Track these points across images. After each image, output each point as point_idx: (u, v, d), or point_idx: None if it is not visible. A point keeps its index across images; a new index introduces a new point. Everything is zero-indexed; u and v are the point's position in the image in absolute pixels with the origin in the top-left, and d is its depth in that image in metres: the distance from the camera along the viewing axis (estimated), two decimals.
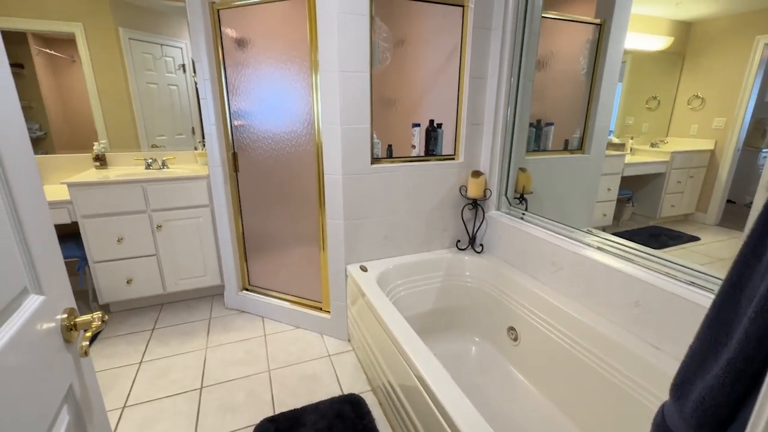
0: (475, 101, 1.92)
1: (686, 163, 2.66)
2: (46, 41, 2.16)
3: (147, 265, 2.20)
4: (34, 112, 2.22)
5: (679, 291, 1.16)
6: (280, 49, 1.81)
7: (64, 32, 2.14)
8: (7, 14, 2.07)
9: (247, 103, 1.97)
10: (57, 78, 2.22)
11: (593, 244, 1.52)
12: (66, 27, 2.14)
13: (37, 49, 2.17)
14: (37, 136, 2.25)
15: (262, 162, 2.03)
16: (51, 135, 2.26)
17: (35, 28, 2.12)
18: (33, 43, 2.13)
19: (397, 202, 1.91)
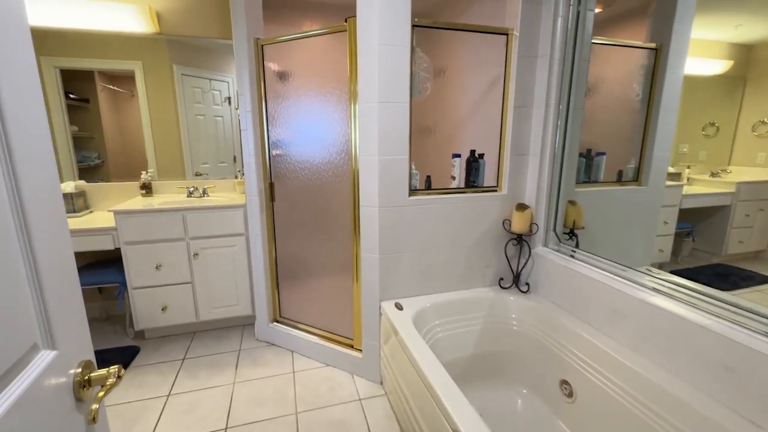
0: (519, 130, 1.81)
1: (755, 194, 2.37)
2: (110, 78, 2.33)
3: (182, 293, 2.21)
4: (94, 142, 2.37)
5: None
6: (320, 81, 1.82)
7: (126, 70, 2.31)
8: (79, 55, 2.25)
9: (285, 133, 1.98)
10: (116, 111, 2.37)
11: (660, 289, 1.33)
12: (128, 65, 2.30)
13: (102, 85, 2.34)
14: (95, 164, 2.39)
15: (297, 192, 2.02)
16: (108, 163, 2.40)
17: (102, 67, 2.29)
18: (99, 80, 2.31)
19: (435, 236, 1.80)
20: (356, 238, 1.82)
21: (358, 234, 1.80)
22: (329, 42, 1.75)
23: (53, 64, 2.24)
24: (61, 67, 2.23)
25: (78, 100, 2.30)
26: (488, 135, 1.88)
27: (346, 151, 1.79)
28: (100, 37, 2.27)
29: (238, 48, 1.91)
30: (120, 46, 2.31)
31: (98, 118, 2.34)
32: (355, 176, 1.76)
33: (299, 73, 1.88)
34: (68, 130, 2.31)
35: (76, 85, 2.27)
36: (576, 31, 1.67)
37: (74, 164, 2.35)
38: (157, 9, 2.32)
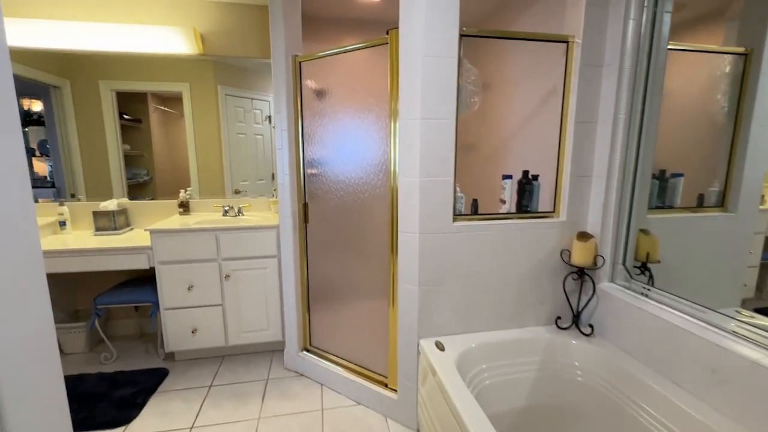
0: (581, 149, 1.59)
1: None
2: (162, 99, 2.42)
3: (212, 315, 2.14)
4: (144, 160, 2.45)
5: None
6: (358, 98, 1.71)
7: (175, 91, 2.38)
8: (133, 78, 2.34)
9: (321, 152, 1.89)
10: (166, 130, 2.44)
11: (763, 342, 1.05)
12: (177, 87, 2.37)
13: (154, 106, 2.42)
14: (144, 181, 2.47)
15: (332, 213, 1.90)
16: (155, 180, 2.47)
17: (154, 89, 2.37)
18: (151, 101, 2.39)
19: (482, 267, 1.60)
20: (393, 265, 1.66)
21: (395, 261, 1.64)
22: (369, 57, 1.65)
23: (110, 88, 2.33)
24: (117, 89, 2.33)
25: (131, 120, 2.38)
26: (542, 154, 1.68)
27: (384, 171, 1.66)
28: (151, 60, 2.34)
29: (276, 66, 1.86)
30: (170, 69, 2.37)
31: (149, 137, 2.42)
32: (393, 198, 1.61)
33: (337, 90, 1.79)
34: (120, 148, 2.39)
35: (130, 106, 2.36)
36: (651, 36, 1.45)
37: (124, 180, 2.42)
38: (201, 31, 2.36)
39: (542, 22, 1.84)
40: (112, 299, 2.12)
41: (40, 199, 2.37)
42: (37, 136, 2.33)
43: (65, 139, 2.34)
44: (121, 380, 2.00)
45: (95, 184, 2.40)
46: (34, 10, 2.17)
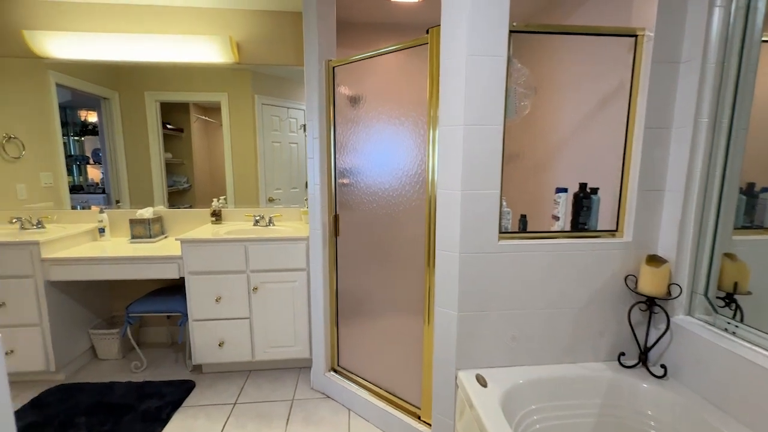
0: (651, 158, 1.37)
1: None
2: (204, 110, 2.46)
3: (239, 329, 2.08)
4: (184, 168, 2.49)
5: None
6: (394, 104, 1.59)
7: (215, 101, 2.41)
8: (175, 89, 2.39)
9: (353, 161, 1.78)
10: (206, 139, 2.48)
11: None
12: (216, 97, 2.40)
13: (196, 116, 2.46)
14: (184, 188, 2.51)
15: (364, 226, 1.78)
16: (194, 187, 2.51)
17: (194, 99, 2.41)
18: (193, 111, 2.44)
19: (531, 292, 1.41)
20: (429, 279, 1.51)
21: (431, 275, 1.49)
22: (406, 60, 1.53)
23: (154, 98, 2.39)
24: (160, 100, 2.39)
25: (174, 129, 2.44)
26: (602, 164, 1.47)
27: (421, 182, 1.52)
28: (191, 71, 2.36)
29: (309, 71, 1.79)
30: (209, 79, 2.38)
31: (190, 146, 2.47)
32: (431, 211, 1.46)
33: (372, 96, 1.68)
34: (162, 156, 2.44)
35: (173, 116, 2.42)
36: (744, 27, 1.22)
37: (165, 188, 2.47)
38: (237, 39, 2.35)
39: (602, 15, 1.64)
40: (144, 308, 2.11)
41: (92, 205, 2.45)
42: (93, 145, 2.45)
43: (112, 148, 2.42)
44: (148, 391, 1.97)
45: (138, 191, 2.45)
46: (76, 23, 2.25)
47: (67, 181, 2.44)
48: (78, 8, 2.23)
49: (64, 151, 2.42)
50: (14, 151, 2.35)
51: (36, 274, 1.93)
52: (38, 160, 2.37)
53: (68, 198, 2.45)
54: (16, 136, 2.34)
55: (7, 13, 2.21)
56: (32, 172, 2.38)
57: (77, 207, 2.45)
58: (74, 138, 2.46)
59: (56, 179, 2.42)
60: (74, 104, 2.41)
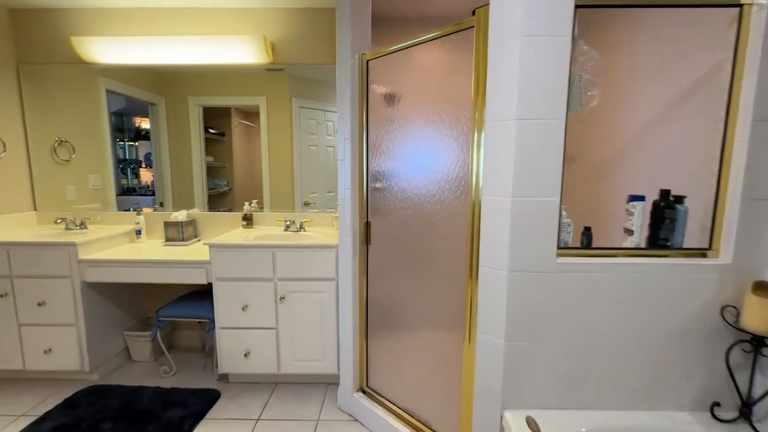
0: (759, 158, 1.09)
1: None
2: (245, 114, 2.47)
3: (265, 339, 1.98)
4: (225, 171, 2.52)
5: None
6: (433, 100, 1.42)
7: (255, 105, 2.40)
8: (216, 94, 2.40)
9: (387, 164, 1.62)
10: (247, 142, 2.49)
11: None
12: (255, 101, 2.39)
13: (238, 120, 2.48)
14: (224, 191, 2.53)
15: (397, 235, 1.61)
16: (234, 190, 2.52)
17: (234, 103, 2.42)
18: (234, 116, 2.46)
19: (597, 321, 1.17)
20: (471, 299, 1.30)
21: (473, 295, 1.28)
22: (448, 50, 1.35)
23: (197, 103, 2.43)
24: (203, 105, 2.42)
25: (216, 133, 2.46)
26: (689, 166, 1.20)
27: (462, 187, 1.33)
28: (231, 75, 2.36)
29: (341, 66, 1.66)
30: (248, 83, 2.37)
31: (231, 150, 2.49)
32: (474, 221, 1.26)
33: (409, 92, 1.51)
34: (203, 160, 2.46)
35: (215, 120, 2.45)
36: None
37: (205, 190, 2.48)
38: (271, 39, 2.28)
39: None
40: (173, 312, 2.08)
41: (143, 207, 2.51)
42: (145, 149, 2.53)
43: (158, 151, 2.46)
44: (173, 399, 1.92)
45: (180, 193, 2.48)
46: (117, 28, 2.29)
47: (120, 183, 2.53)
48: (119, 14, 2.28)
49: (119, 155, 2.50)
50: (65, 154, 2.44)
51: (73, 274, 1.95)
52: (87, 163, 2.44)
53: (114, 199, 2.51)
54: (67, 140, 2.43)
55: (59, 22, 2.30)
56: (81, 174, 2.46)
57: (130, 208, 2.52)
58: (129, 143, 2.56)
59: (104, 181, 2.48)
60: (129, 111, 2.51)
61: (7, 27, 2.27)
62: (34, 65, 2.33)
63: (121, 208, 2.51)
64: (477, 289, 1.26)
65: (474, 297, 1.29)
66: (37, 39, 2.31)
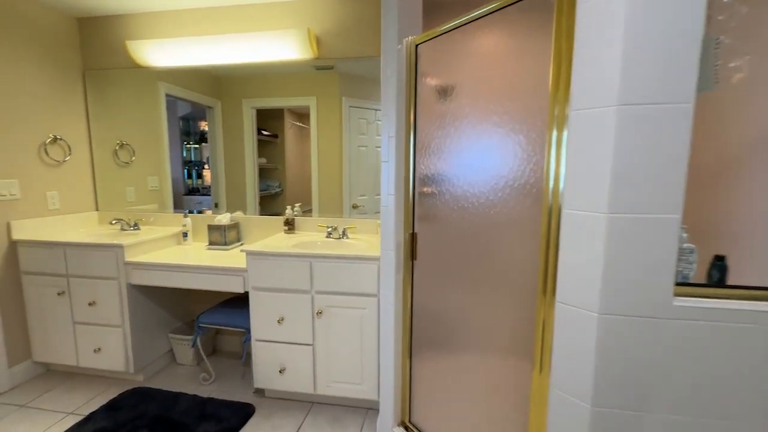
0: None
1: None
2: (298, 116, 2.41)
3: (301, 356, 1.83)
4: (277, 173, 2.49)
5: None
6: (496, 88, 1.14)
7: (306, 106, 2.32)
8: (268, 95, 2.35)
9: (438, 166, 1.37)
10: (299, 144, 2.43)
11: None
12: (305, 101, 2.32)
13: (290, 122, 2.43)
14: (276, 192, 2.49)
15: (448, 246, 1.36)
16: (285, 192, 2.48)
17: (286, 104, 2.36)
18: (287, 118, 2.42)
19: (736, 390, 0.82)
20: (542, 329, 1.01)
21: (546, 326, 0.99)
22: (515, 29, 1.07)
23: (250, 105, 2.41)
24: (256, 107, 2.39)
25: (269, 135, 2.42)
26: None
27: (533, 195, 1.04)
28: (283, 77, 2.29)
29: (386, 54, 1.44)
30: (299, 84, 2.29)
31: (283, 151, 2.44)
32: (550, 236, 0.97)
33: (465, 82, 1.25)
34: (256, 161, 2.43)
35: (269, 122, 2.43)
36: None
37: (257, 192, 2.45)
38: (316, 33, 2.14)
39: None
40: (212, 319, 2.01)
41: (205, 208, 2.55)
42: (208, 152, 2.57)
43: (214, 153, 2.48)
44: (208, 411, 1.85)
45: (234, 194, 2.47)
46: (166, 31, 2.29)
47: (186, 184, 2.58)
48: (166, 17, 2.29)
49: (185, 157, 2.54)
50: (126, 156, 2.52)
51: (120, 276, 1.96)
52: (146, 165, 2.50)
53: (171, 200, 2.56)
54: (128, 143, 2.51)
55: (118, 27, 2.36)
56: (140, 176, 2.53)
57: (193, 210, 2.56)
58: (194, 146, 2.62)
59: (161, 183, 2.53)
60: (195, 115, 2.57)
61: (75, 35, 2.39)
62: (98, 71, 2.43)
63: (185, 207, 2.57)
64: (552, 311, 0.97)
65: (548, 321, 0.99)
66: (100, 45, 2.40)
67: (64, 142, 2.32)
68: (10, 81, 2.02)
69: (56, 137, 2.27)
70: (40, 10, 2.17)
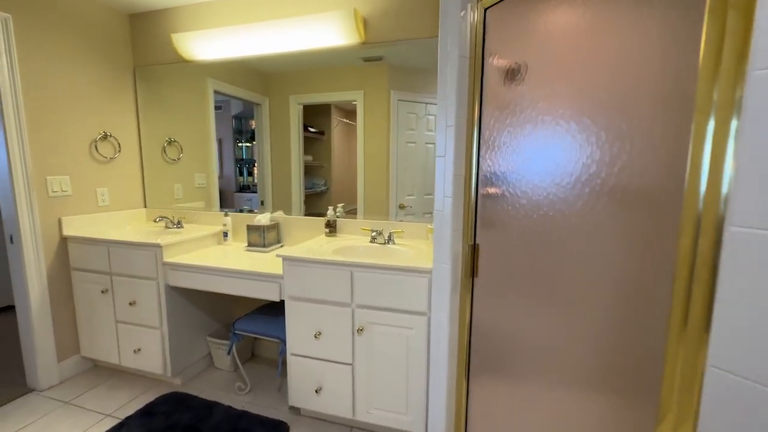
0: None
1: None
2: (346, 113, 2.28)
3: (339, 376, 1.63)
4: (323, 171, 2.39)
5: None
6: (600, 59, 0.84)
7: (352, 100, 2.19)
8: (314, 91, 2.23)
9: (509, 162, 1.09)
10: (346, 142, 2.31)
11: None
12: (352, 96, 2.18)
13: (338, 119, 2.30)
14: (321, 191, 2.39)
15: (523, 263, 1.07)
16: (331, 190, 2.37)
17: (332, 99, 2.24)
18: (334, 114, 2.30)
19: None
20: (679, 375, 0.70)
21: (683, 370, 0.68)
22: None
23: (297, 102, 2.31)
24: (303, 103, 2.29)
25: (316, 132, 2.33)
26: None
27: (654, 202, 0.72)
28: (330, 71, 2.15)
29: (446, 23, 1.18)
30: (346, 77, 2.14)
31: (329, 149, 2.33)
32: (693, 266, 0.66)
33: (549, 56, 0.96)
34: (301, 159, 2.33)
35: (316, 119, 2.33)
36: None
37: (302, 190, 2.35)
38: (363, 13, 1.92)
39: None
40: (248, 327, 1.88)
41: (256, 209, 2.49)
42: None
43: (261, 151, 2.41)
44: (241, 427, 1.71)
45: (279, 192, 2.38)
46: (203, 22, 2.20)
47: (237, 181, 2.54)
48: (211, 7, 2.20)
49: (237, 155, 2.51)
50: (174, 153, 2.49)
51: (158, 276, 1.90)
52: (194, 162, 2.47)
53: (217, 198, 2.51)
54: (176, 140, 2.48)
55: (165, 21, 2.32)
56: (188, 173, 2.49)
57: (243, 208, 2.50)
58: (246, 144, 2.58)
59: (208, 180, 2.49)
60: (245, 114, 2.53)
61: (127, 32, 2.39)
62: (148, 67, 2.42)
63: (236, 204, 2.52)
64: (700, 357, 0.65)
65: (697, 364, 0.68)
66: (149, 41, 2.38)
67: (114, 138, 2.33)
68: (64, 78, 2.03)
69: (106, 134, 2.28)
70: (95, 8, 2.18)
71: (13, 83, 1.80)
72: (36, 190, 1.91)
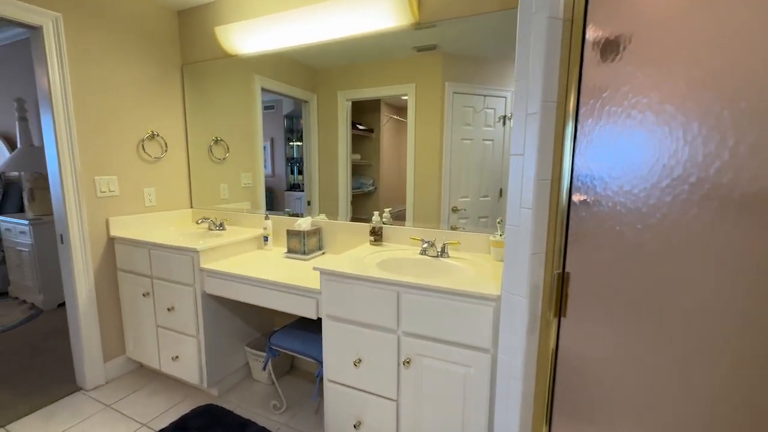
0: None
1: None
2: (396, 109, 2.09)
3: (382, 412, 1.39)
4: (371, 170, 2.23)
5: None
6: None
7: (403, 94, 1.98)
8: (364, 85, 2.05)
9: (612, 162, 0.77)
10: (396, 140, 2.12)
11: None
12: (403, 89, 1.97)
13: (388, 116, 2.12)
14: (369, 191, 2.23)
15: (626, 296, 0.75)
16: (379, 190, 2.20)
17: (382, 94, 2.06)
18: (384, 111, 2.13)
19: None
20: None
21: None
22: None
23: (345, 98, 2.16)
24: (351, 99, 2.13)
25: (364, 130, 2.18)
26: None
27: None
28: (380, 64, 1.95)
29: None
30: (397, 69, 1.93)
31: (378, 147, 2.17)
32: None
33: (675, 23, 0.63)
34: (349, 157, 2.18)
35: (365, 116, 2.18)
36: None
37: (349, 190, 2.21)
38: None
39: None
40: (284, 342, 1.72)
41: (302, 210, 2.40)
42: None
43: (308, 149, 2.28)
44: None
45: (326, 191, 2.25)
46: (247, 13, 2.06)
47: (288, 180, 2.45)
48: None
49: (287, 154, 2.44)
50: (220, 152, 2.43)
51: (195, 283, 1.80)
52: (240, 161, 2.39)
53: (263, 198, 2.42)
54: (222, 139, 2.41)
55: (210, 16, 2.24)
56: (234, 172, 2.42)
57: (293, 205, 2.40)
58: (296, 143, 2.50)
59: (255, 179, 2.40)
60: (296, 113, 2.45)
61: (175, 29, 2.35)
62: (195, 65, 2.36)
63: (286, 203, 2.42)
64: None
65: None
66: (196, 37, 2.32)
67: (161, 138, 2.30)
68: (114, 78, 2.01)
69: (154, 133, 2.25)
70: (146, 5, 2.15)
71: (63, 84, 1.79)
72: (84, 191, 1.90)
